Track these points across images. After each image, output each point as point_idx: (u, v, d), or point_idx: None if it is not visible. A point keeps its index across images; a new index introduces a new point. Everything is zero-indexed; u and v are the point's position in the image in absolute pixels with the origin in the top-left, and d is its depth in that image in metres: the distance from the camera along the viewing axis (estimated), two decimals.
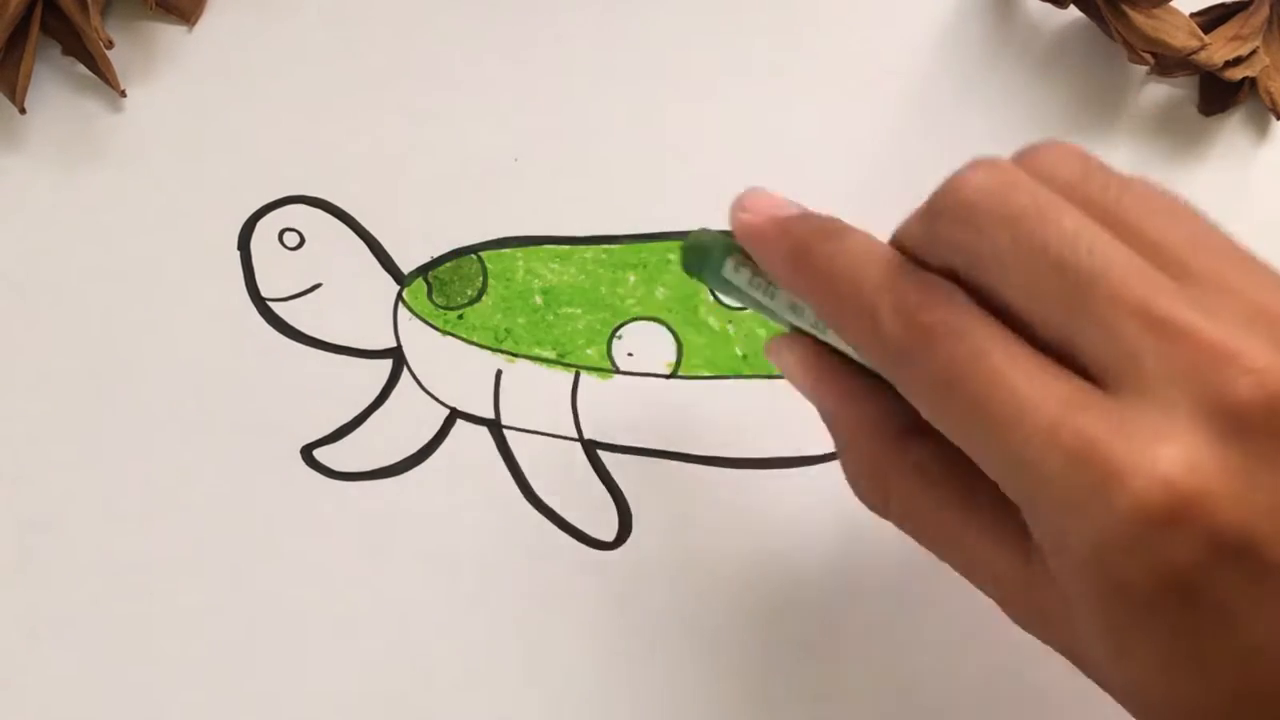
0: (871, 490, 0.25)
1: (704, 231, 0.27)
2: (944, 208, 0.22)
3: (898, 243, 0.23)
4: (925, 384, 0.21)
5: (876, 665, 0.32)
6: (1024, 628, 0.23)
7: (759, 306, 0.26)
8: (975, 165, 0.22)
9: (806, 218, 0.25)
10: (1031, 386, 0.20)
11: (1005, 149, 0.33)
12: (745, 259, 0.26)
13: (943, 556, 0.24)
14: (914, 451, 0.24)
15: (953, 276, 0.22)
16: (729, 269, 0.26)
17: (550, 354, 0.32)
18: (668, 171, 0.33)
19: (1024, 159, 0.23)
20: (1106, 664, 0.21)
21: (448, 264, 0.32)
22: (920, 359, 0.21)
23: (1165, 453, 0.18)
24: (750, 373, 0.32)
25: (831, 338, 0.25)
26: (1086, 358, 0.20)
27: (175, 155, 0.32)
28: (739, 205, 0.26)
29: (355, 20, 0.32)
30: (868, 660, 0.32)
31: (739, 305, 0.32)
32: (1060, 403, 0.19)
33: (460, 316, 0.32)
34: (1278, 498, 0.19)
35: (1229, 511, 0.18)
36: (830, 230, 0.24)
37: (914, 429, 0.24)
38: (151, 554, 0.31)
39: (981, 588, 0.23)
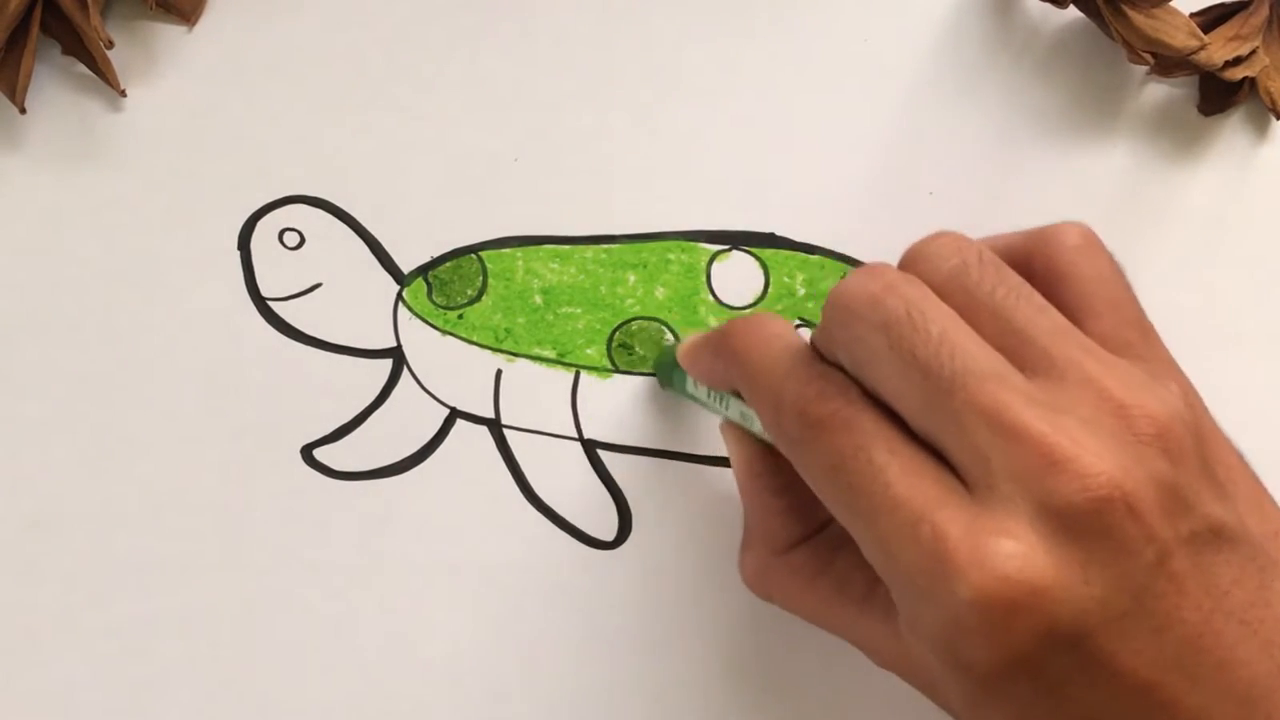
0: (755, 585, 0.29)
1: (672, 348, 0.31)
2: (831, 310, 0.24)
3: (814, 337, 0.25)
4: (815, 469, 0.24)
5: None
6: (911, 685, 0.25)
7: (721, 415, 0.29)
8: (860, 270, 0.24)
9: (732, 320, 0.28)
10: (904, 482, 0.22)
11: (1005, 149, 0.33)
12: None
13: (825, 629, 0.27)
14: (795, 557, 0.28)
15: (844, 371, 0.24)
16: (690, 385, 0.29)
17: (550, 354, 0.32)
18: (668, 171, 0.33)
19: (911, 253, 0.25)
20: None
21: (448, 264, 0.32)
22: (812, 447, 0.23)
23: (1004, 549, 0.20)
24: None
25: (770, 439, 0.27)
26: (949, 454, 0.22)
27: (175, 155, 0.32)
28: (683, 342, 0.30)
29: (356, 20, 0.32)
30: (868, 659, 0.32)
31: (743, 306, 0.33)
32: (924, 499, 0.21)
33: (460, 316, 0.32)
34: (1109, 591, 0.21)
35: (1062, 604, 0.20)
36: (750, 318, 0.27)
37: (799, 541, 0.28)
38: (151, 554, 0.31)
39: (869, 657, 0.26)
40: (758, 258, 0.33)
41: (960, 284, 0.24)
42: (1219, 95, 0.34)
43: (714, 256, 0.33)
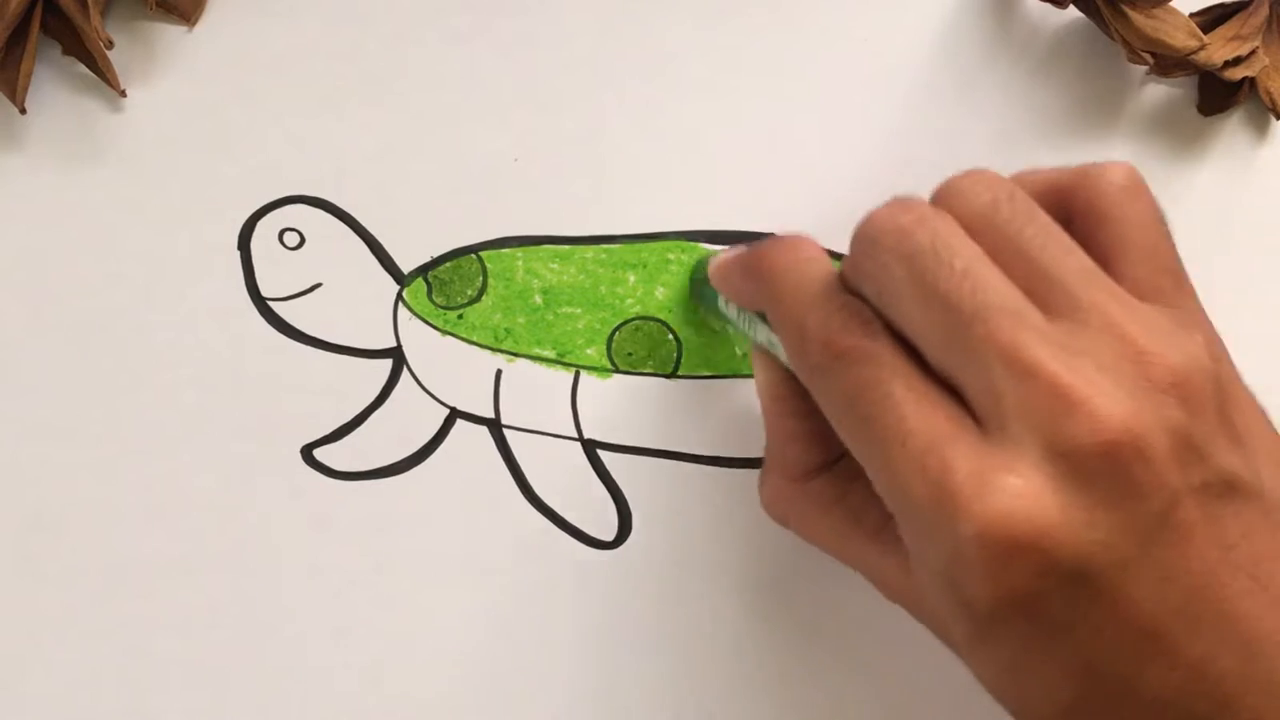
0: (772, 510, 0.29)
1: (706, 262, 0.30)
2: (856, 239, 0.24)
3: (842, 267, 0.25)
4: (832, 399, 0.24)
5: (877, 664, 0.32)
6: (918, 620, 0.25)
7: (751, 340, 0.29)
8: (890, 202, 0.24)
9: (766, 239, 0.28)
10: (917, 414, 0.22)
11: (1005, 149, 0.33)
12: None
13: (837, 559, 0.27)
14: (814, 485, 0.28)
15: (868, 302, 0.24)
16: (720, 303, 0.29)
17: (550, 354, 0.32)
18: (668, 171, 0.33)
19: (943, 188, 0.25)
20: (970, 662, 0.23)
21: (448, 264, 0.32)
22: (831, 377, 0.24)
23: (1008, 486, 0.20)
24: (749, 372, 0.32)
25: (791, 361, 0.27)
26: (964, 391, 0.22)
27: (175, 155, 0.32)
28: (715, 257, 0.29)
29: (356, 20, 0.32)
30: (868, 659, 0.32)
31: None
32: (935, 433, 0.22)
33: (460, 316, 0.32)
34: (1114, 535, 0.20)
35: (1066, 545, 0.20)
36: (783, 239, 0.27)
37: (817, 470, 0.28)
38: (151, 554, 0.31)
39: (879, 590, 0.26)
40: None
41: (989, 221, 0.23)
42: (1219, 95, 0.34)
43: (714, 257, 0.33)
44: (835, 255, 0.33)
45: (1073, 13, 0.33)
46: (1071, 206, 0.25)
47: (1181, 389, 0.21)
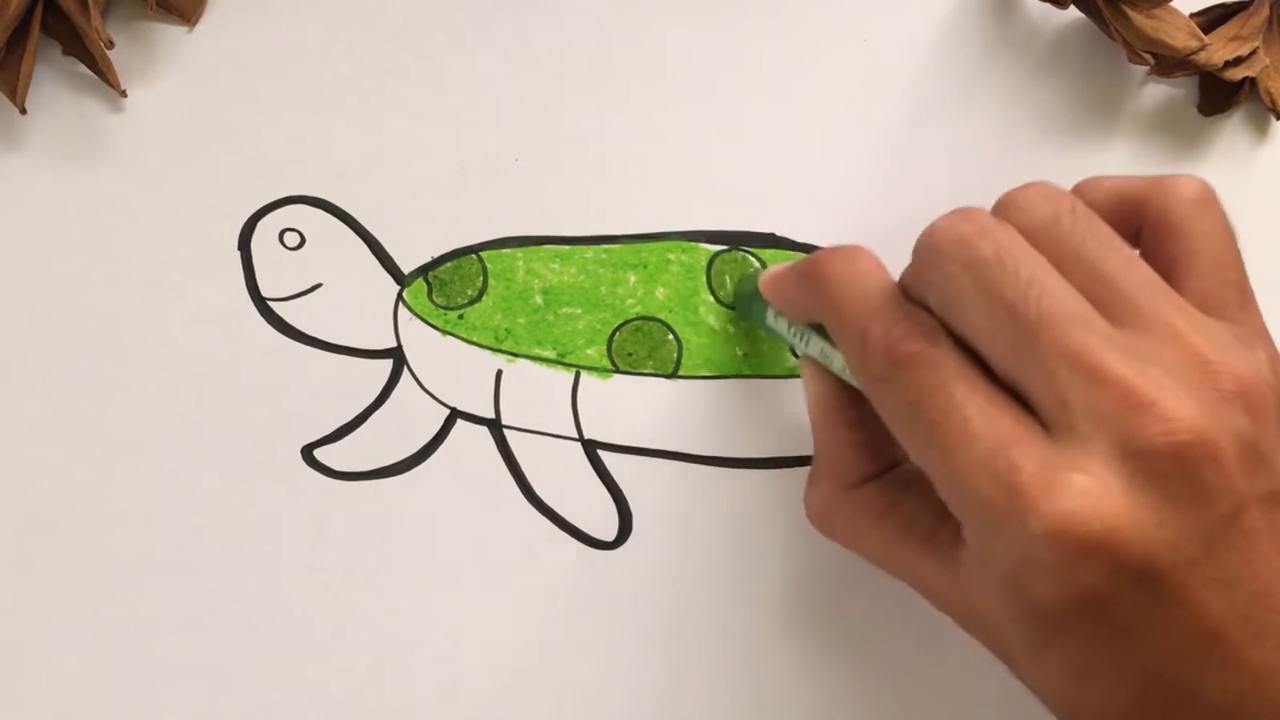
0: (820, 521, 0.29)
1: (753, 277, 0.31)
2: (919, 249, 0.24)
3: (903, 276, 0.26)
4: (895, 405, 0.24)
5: (877, 664, 0.32)
6: (965, 629, 0.25)
7: (800, 352, 0.29)
8: (952, 213, 0.24)
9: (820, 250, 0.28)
10: (982, 419, 0.22)
11: (1005, 148, 0.33)
12: None
13: (888, 571, 0.27)
14: (863, 493, 0.28)
15: (930, 311, 0.24)
16: (770, 317, 0.30)
17: (550, 354, 0.32)
18: (668, 171, 0.33)
19: (1003, 200, 0.25)
20: (1026, 668, 0.23)
21: (448, 264, 0.32)
22: (894, 384, 0.24)
23: (1078, 485, 0.21)
24: (750, 372, 0.32)
25: (847, 377, 0.27)
26: (1030, 396, 0.22)
27: (175, 155, 0.32)
28: (766, 270, 0.30)
29: (356, 20, 0.32)
30: (868, 659, 0.32)
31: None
32: (1001, 435, 0.22)
33: (460, 316, 0.32)
34: (1182, 536, 0.21)
35: (1135, 544, 0.20)
36: (839, 250, 0.27)
37: (868, 477, 0.28)
38: (151, 554, 0.31)
39: (925, 598, 0.26)
40: (758, 258, 0.33)
41: (1051, 233, 0.24)
42: (1219, 95, 0.34)
43: (714, 256, 0.33)
44: None
45: (1073, 13, 0.33)
46: (1142, 217, 0.25)
47: (1247, 398, 0.21)
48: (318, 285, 0.32)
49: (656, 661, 0.32)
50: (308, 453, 0.32)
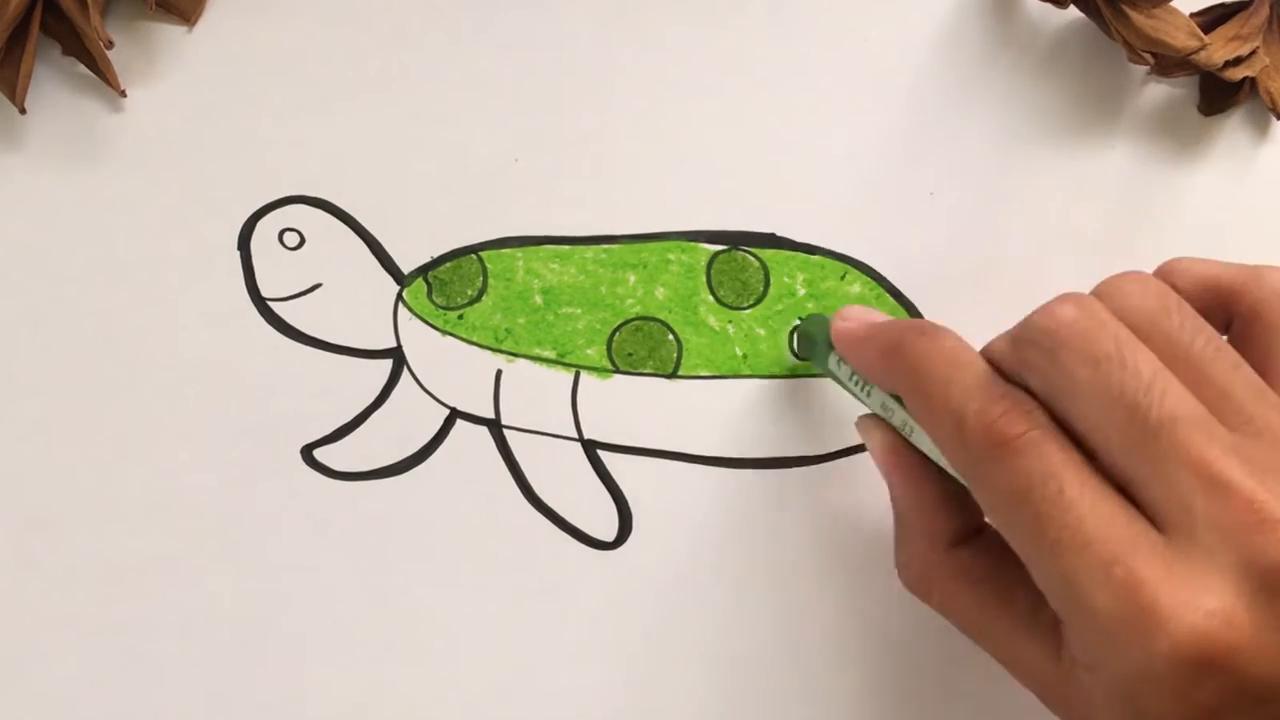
0: (917, 584, 0.27)
1: (816, 319, 0.31)
2: (1033, 336, 0.24)
3: (986, 354, 0.25)
4: (997, 491, 0.23)
5: (876, 663, 0.32)
6: (1052, 711, 0.24)
7: (858, 399, 0.29)
8: (1065, 299, 0.24)
9: (901, 320, 0.27)
10: (1096, 518, 0.22)
11: (1005, 149, 0.33)
12: None
13: (979, 643, 0.26)
14: (961, 556, 0.26)
15: (1031, 395, 0.24)
16: (832, 362, 0.29)
17: (550, 354, 0.32)
18: (667, 171, 0.33)
19: (1106, 289, 0.24)
20: None
21: (448, 264, 0.32)
22: (997, 467, 0.23)
23: (1205, 605, 0.20)
24: (750, 373, 0.32)
25: (916, 438, 0.27)
26: (1145, 497, 0.22)
27: (175, 155, 0.32)
28: (839, 315, 0.29)
29: (356, 20, 0.32)
30: (868, 659, 0.32)
31: (742, 306, 0.33)
32: (1118, 540, 0.21)
33: (460, 316, 0.32)
34: None
35: (1256, 665, 0.20)
36: (924, 328, 0.26)
37: (964, 538, 0.26)
38: (152, 554, 0.31)
39: (1014, 675, 0.25)
40: (758, 258, 0.33)
41: (1160, 329, 0.23)
42: (1219, 95, 0.34)
43: (714, 256, 0.33)
44: (835, 254, 0.33)
45: (1073, 13, 0.33)
46: (1234, 308, 0.25)
47: None
48: (317, 285, 0.32)
49: (656, 661, 0.32)
50: (308, 453, 0.32)
